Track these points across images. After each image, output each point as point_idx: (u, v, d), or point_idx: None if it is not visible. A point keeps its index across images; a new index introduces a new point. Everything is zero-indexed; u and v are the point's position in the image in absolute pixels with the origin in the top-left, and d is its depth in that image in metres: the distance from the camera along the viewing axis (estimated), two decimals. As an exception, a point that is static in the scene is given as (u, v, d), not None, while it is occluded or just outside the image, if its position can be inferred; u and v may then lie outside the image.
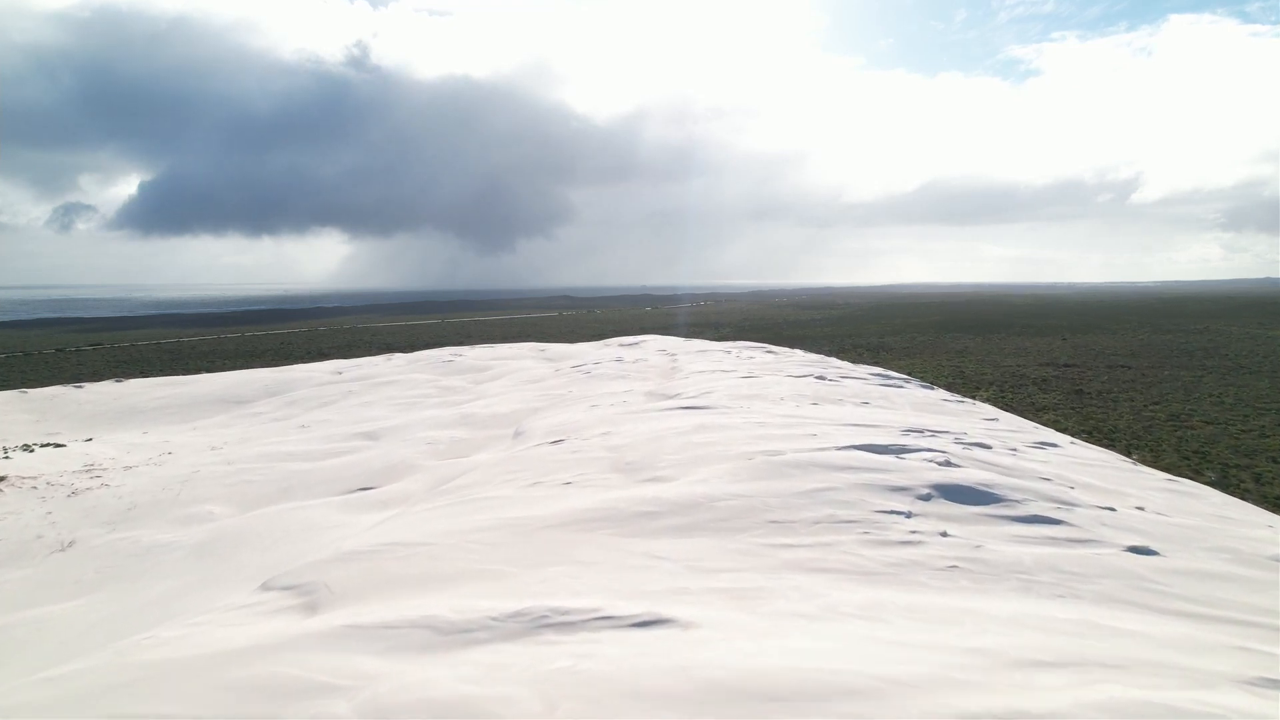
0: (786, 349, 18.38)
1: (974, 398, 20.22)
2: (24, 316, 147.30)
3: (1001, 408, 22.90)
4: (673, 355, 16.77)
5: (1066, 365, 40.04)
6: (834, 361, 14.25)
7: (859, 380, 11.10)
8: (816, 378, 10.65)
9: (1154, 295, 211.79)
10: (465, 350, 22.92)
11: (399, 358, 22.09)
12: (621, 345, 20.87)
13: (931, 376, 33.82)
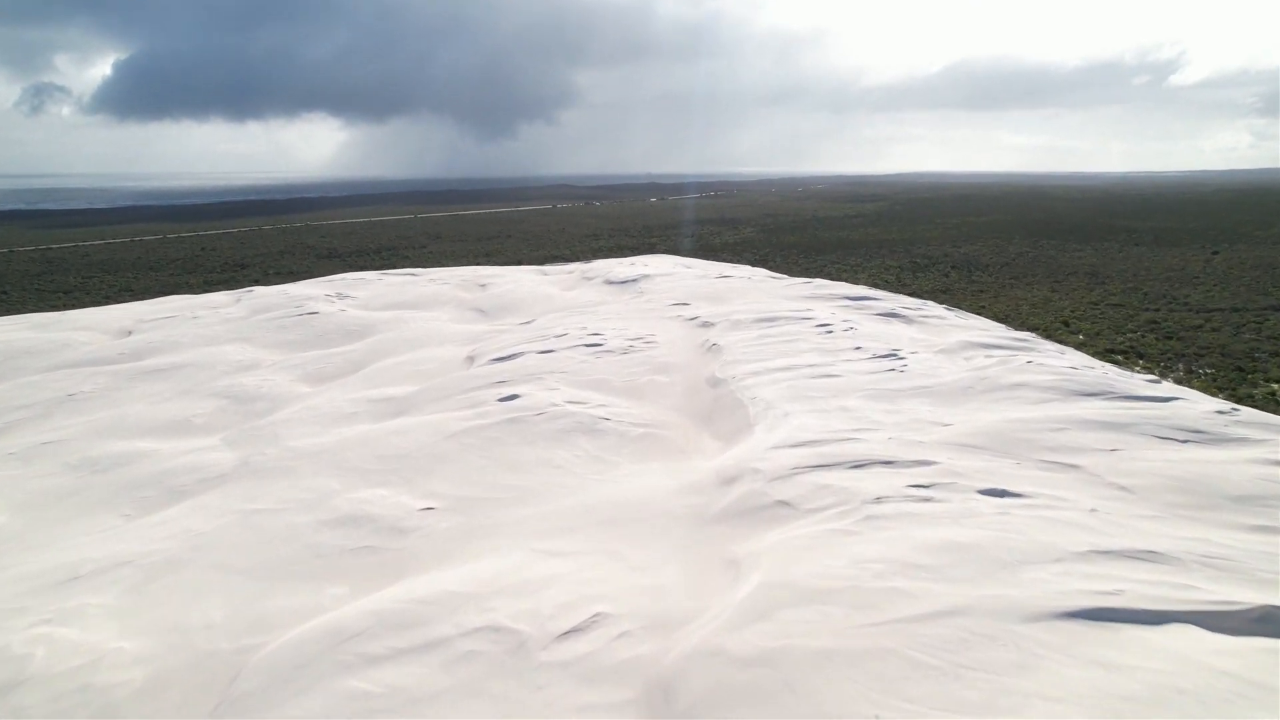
0: (937, 308, 9.51)
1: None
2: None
3: None
4: (706, 327, 8.15)
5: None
6: (1102, 368, 5.70)
7: None
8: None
9: (1211, 186, 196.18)
10: (362, 284, 14.24)
11: (252, 297, 13.51)
12: (610, 285, 12.11)
13: (1132, 346, 23.12)
